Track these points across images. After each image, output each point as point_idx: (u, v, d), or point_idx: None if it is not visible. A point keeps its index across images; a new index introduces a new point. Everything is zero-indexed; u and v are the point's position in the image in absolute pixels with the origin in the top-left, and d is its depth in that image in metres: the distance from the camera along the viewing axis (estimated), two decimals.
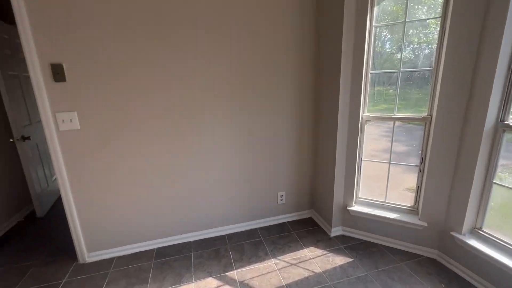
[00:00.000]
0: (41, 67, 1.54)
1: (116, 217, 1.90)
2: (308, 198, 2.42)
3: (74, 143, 1.70)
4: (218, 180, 2.08)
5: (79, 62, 1.59)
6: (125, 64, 1.68)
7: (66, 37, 1.55)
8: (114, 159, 1.80)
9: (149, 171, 1.89)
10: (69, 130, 1.67)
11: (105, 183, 1.82)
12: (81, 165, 1.74)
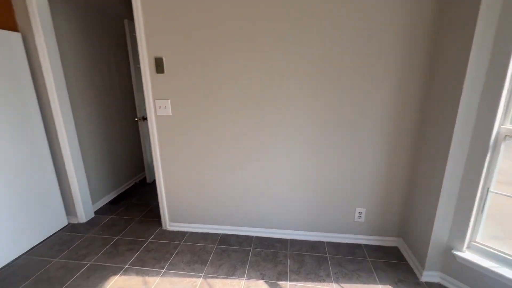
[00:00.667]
0: (148, 60, 1.83)
1: (194, 195, 2.10)
2: (397, 223, 1.94)
3: (166, 126, 1.96)
4: (289, 180, 1.96)
5: (174, 56, 1.80)
6: (212, 60, 1.77)
7: (167, 34, 1.76)
8: (196, 144, 1.97)
9: (225, 159, 1.98)
10: (164, 115, 1.94)
11: (188, 163, 2.03)
12: (170, 145, 2.00)
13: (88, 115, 2.46)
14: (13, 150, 1.83)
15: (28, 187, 1.94)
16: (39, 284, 1.63)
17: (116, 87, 2.84)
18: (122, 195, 2.88)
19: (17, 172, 1.86)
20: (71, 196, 2.26)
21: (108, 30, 2.70)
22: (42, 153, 2.04)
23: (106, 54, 2.67)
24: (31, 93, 1.95)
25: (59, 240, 2.08)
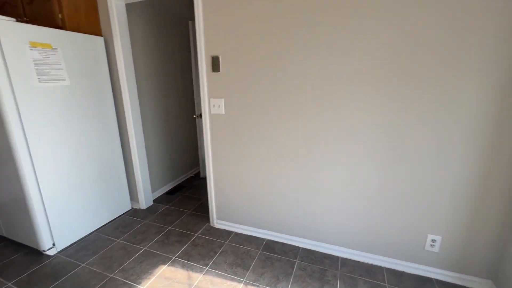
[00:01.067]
0: (205, 59, 1.85)
1: (241, 196, 2.07)
2: (487, 261, 1.53)
3: (219, 125, 1.97)
4: (347, 191, 1.74)
5: (230, 55, 1.77)
6: (266, 60, 1.68)
7: (224, 33, 1.75)
8: (247, 144, 1.92)
9: (276, 162, 1.88)
10: (217, 114, 1.94)
11: (237, 163, 2.00)
12: (221, 143, 2.01)
13: (153, 112, 2.67)
14: (95, 138, 2.10)
15: (103, 172, 2.21)
16: (103, 260, 1.83)
17: (179, 86, 3.03)
18: (178, 187, 3.07)
19: (96, 157, 2.13)
20: (135, 184, 2.50)
21: (175, 31, 2.89)
22: (114, 143, 2.30)
23: (171, 54, 2.87)
24: (109, 90, 2.20)
25: (123, 223, 2.31)
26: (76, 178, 2.00)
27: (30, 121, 1.68)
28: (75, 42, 1.90)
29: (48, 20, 1.94)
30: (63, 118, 1.87)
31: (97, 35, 2.11)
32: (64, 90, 1.86)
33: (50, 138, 1.80)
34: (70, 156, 1.94)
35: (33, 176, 1.73)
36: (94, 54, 2.05)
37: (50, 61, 1.76)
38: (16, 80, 1.59)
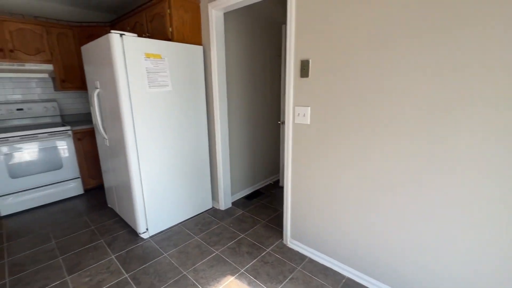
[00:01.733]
0: (294, 63, 1.69)
1: (320, 218, 1.81)
2: None
3: (302, 135, 1.76)
4: (474, 234, 1.22)
5: (322, 59, 1.54)
6: (364, 65, 1.37)
7: (317, 34, 1.53)
8: (332, 162, 1.64)
9: (367, 186, 1.53)
10: (301, 123, 1.75)
11: (319, 181, 1.75)
12: (303, 156, 1.80)
13: (240, 115, 2.73)
14: (188, 138, 2.29)
15: (192, 170, 2.39)
16: (181, 255, 1.94)
17: (267, 90, 3.00)
18: (256, 192, 3.04)
19: (188, 155, 2.32)
20: (217, 184, 2.60)
21: (267, 35, 2.86)
22: (203, 144, 2.45)
23: (263, 58, 2.86)
24: (203, 95, 2.36)
25: (203, 220, 2.44)
26: (170, 173, 2.23)
27: (139, 121, 1.95)
28: (179, 52, 2.10)
29: (162, 34, 2.23)
30: (164, 120, 2.10)
31: (198, 44, 2.29)
32: (166, 95, 2.08)
33: (153, 136, 2.05)
34: (167, 153, 2.17)
35: (137, 167, 2.01)
36: (194, 62, 2.23)
37: (158, 69, 2.00)
38: (133, 86, 1.87)
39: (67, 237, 2.19)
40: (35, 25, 2.69)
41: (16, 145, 2.50)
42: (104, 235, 2.20)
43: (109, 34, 1.74)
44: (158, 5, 2.18)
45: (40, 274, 1.76)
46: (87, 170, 3.03)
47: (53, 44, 2.82)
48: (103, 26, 3.02)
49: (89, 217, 2.51)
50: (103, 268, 1.81)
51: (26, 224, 2.40)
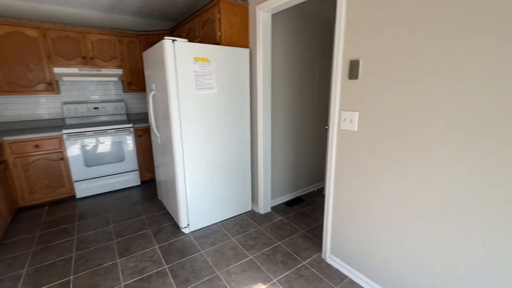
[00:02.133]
0: (342, 63, 1.54)
1: (365, 236, 1.61)
2: None
3: (348, 143, 1.60)
4: None
5: (375, 59, 1.37)
6: (432, 68, 1.15)
7: (370, 31, 1.36)
8: (382, 175, 1.45)
9: (419, 205, 1.30)
10: (347, 130, 1.59)
11: (365, 195, 1.56)
12: (348, 166, 1.63)
13: (284, 118, 2.65)
14: (230, 139, 2.33)
15: (233, 171, 2.42)
16: (216, 254, 1.98)
17: (315, 93, 2.86)
18: (298, 199, 2.92)
19: (230, 156, 2.37)
20: (257, 187, 2.58)
21: (316, 35, 2.72)
22: (245, 145, 2.46)
23: (311, 59, 2.73)
24: (247, 97, 2.37)
25: (241, 222, 2.44)
26: (212, 172, 2.29)
27: (186, 121, 2.06)
28: (226, 55, 2.15)
29: (211, 38, 2.32)
30: (209, 121, 2.18)
31: (244, 47, 2.31)
32: (212, 97, 2.15)
33: (198, 136, 2.14)
34: (210, 152, 2.24)
35: (182, 165, 2.12)
36: (239, 65, 2.25)
37: (206, 72, 2.08)
38: (182, 88, 1.99)
39: (123, 223, 2.45)
40: (110, 35, 3.10)
41: (90, 139, 2.92)
42: (152, 225, 2.39)
43: (163, 41, 1.87)
44: (209, 11, 2.27)
45: (98, 254, 2.00)
46: (144, 164, 3.36)
47: (123, 51, 3.22)
48: (164, 33, 3.31)
49: (142, 207, 2.77)
50: (147, 256, 1.96)
51: (94, 207, 2.78)
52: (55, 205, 2.83)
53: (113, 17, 3.34)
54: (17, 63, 2.67)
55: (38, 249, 2.06)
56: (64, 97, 3.22)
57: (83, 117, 3.28)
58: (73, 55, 2.92)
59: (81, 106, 3.25)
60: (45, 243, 2.13)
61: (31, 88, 2.78)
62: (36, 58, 2.75)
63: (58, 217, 2.58)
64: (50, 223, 2.46)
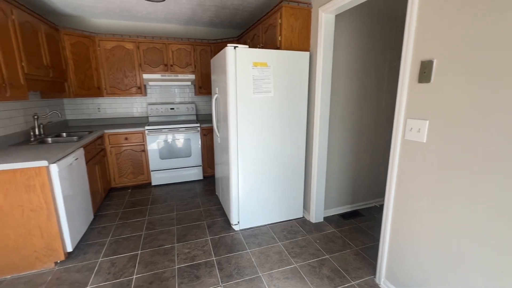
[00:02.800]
0: (411, 64, 1.35)
1: (430, 268, 1.37)
2: None
3: (413, 157, 1.39)
4: None
5: (452, 59, 1.14)
6: None
7: (449, 25, 1.15)
8: (455, 198, 1.20)
9: (502, 239, 1.03)
10: (413, 141, 1.38)
11: (430, 219, 1.33)
12: (413, 184, 1.41)
13: (344, 124, 2.48)
14: (285, 142, 2.33)
15: (285, 175, 2.41)
16: (261, 256, 2.00)
17: (382, 99, 2.58)
18: (355, 212, 2.68)
19: (283, 159, 2.37)
20: (309, 195, 2.49)
21: (388, 35, 2.45)
22: (299, 150, 2.41)
23: (378, 63, 2.48)
24: (304, 101, 2.32)
25: (290, 228, 2.40)
26: (265, 174, 2.33)
27: (242, 123, 2.15)
28: (284, 59, 2.16)
29: (272, 43, 2.37)
30: (264, 124, 2.22)
31: (305, 51, 2.27)
32: (268, 100, 2.19)
33: (253, 138, 2.21)
34: (264, 154, 2.29)
35: (236, 165, 2.23)
36: (298, 69, 2.22)
37: (264, 76, 2.13)
38: (240, 92, 2.09)
39: (184, 211, 2.73)
40: (187, 45, 3.51)
41: (165, 135, 3.37)
42: (207, 218, 2.59)
43: (225, 48, 2.01)
44: (272, 17, 2.32)
45: (161, 236, 2.28)
46: (207, 161, 3.67)
47: (197, 59, 3.59)
48: (231, 40, 3.55)
49: (201, 200, 3.03)
50: (199, 246, 2.13)
51: (163, 194, 3.19)
52: (136, 189, 3.37)
53: (190, 28, 3.77)
54: (118, 70, 3.30)
55: (119, 224, 2.49)
56: (149, 98, 3.81)
57: (162, 116, 3.81)
58: (157, 63, 3.43)
59: (161, 106, 3.78)
60: (124, 219, 2.57)
61: (126, 91, 3.39)
62: (131, 66, 3.34)
63: (137, 199, 3.06)
64: (130, 203, 2.95)
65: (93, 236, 2.28)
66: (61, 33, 2.84)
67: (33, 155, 1.85)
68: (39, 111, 2.82)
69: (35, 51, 2.30)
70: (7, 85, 1.85)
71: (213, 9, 3.00)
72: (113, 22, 3.42)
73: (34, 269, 1.84)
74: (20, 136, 2.41)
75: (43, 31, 2.45)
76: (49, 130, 2.97)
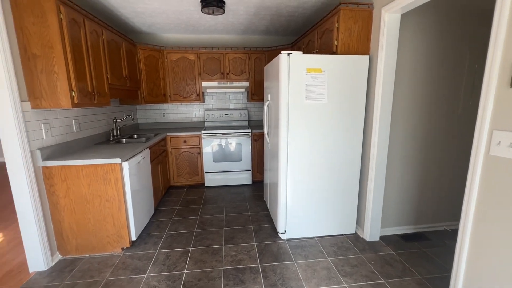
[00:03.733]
0: (499, 65, 1.13)
1: None
2: None
3: (501, 176, 1.14)
4: None
5: None
6: None
7: None
8: None
9: None
10: (502, 157, 1.13)
11: None
12: (497, 211, 1.16)
13: (407, 132, 2.22)
14: (338, 151, 2.21)
15: (338, 186, 2.27)
16: (308, 269, 1.90)
17: (455, 105, 2.23)
18: (419, 235, 2.35)
19: (336, 169, 2.24)
20: (364, 209, 2.29)
21: (466, 35, 2.11)
22: (354, 161, 2.25)
23: (455, 65, 2.15)
24: (362, 108, 2.16)
25: (340, 243, 2.24)
26: (315, 183, 2.24)
27: (293, 130, 2.12)
28: (340, 64, 2.05)
29: (328, 48, 2.28)
30: (316, 132, 2.14)
31: (364, 55, 2.12)
32: (321, 107, 2.11)
33: (303, 145, 2.16)
34: (314, 162, 2.20)
35: (286, 172, 2.19)
36: (355, 73, 2.09)
37: (317, 83, 2.06)
38: (292, 98, 2.06)
39: (233, 214, 2.81)
40: (243, 53, 3.66)
41: (219, 139, 3.55)
42: (254, 223, 2.61)
43: (280, 55, 2.02)
44: (328, 21, 2.25)
45: (210, 235, 2.39)
46: (256, 166, 3.72)
47: (251, 66, 3.71)
48: (285, 47, 3.56)
49: (249, 204, 3.07)
50: (246, 250, 2.15)
51: (214, 196, 3.35)
52: (190, 189, 3.63)
53: (245, 38, 3.92)
54: (181, 79, 3.63)
55: (175, 219, 2.71)
56: (206, 105, 4.08)
57: (216, 121, 4.03)
58: (215, 71, 3.66)
59: (217, 112, 4.01)
60: (179, 216, 2.78)
61: (187, 98, 3.70)
62: (192, 75, 3.64)
63: (191, 198, 3.29)
64: (185, 201, 3.18)
65: (153, 229, 2.52)
66: (137, 48, 3.28)
67: (110, 153, 2.16)
68: (117, 116, 3.29)
69: (117, 64, 2.70)
70: (95, 93, 2.21)
71: (269, 17, 3.07)
72: (179, 36, 3.80)
73: (106, 251, 2.12)
74: (102, 136, 2.85)
75: (124, 47, 2.87)
76: (124, 131, 3.44)
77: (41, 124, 1.95)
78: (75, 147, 2.32)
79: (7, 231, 2.56)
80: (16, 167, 1.78)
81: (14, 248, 2.24)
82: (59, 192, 1.98)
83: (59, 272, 1.91)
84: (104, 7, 2.66)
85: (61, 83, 1.85)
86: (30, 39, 1.77)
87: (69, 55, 1.87)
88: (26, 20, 1.75)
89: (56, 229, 2.03)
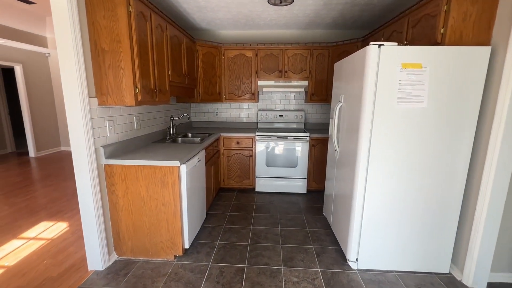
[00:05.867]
0: None
1: None
2: None
3: None
4: None
5: None
6: None
7: None
8: None
9: None
10: None
11: None
12: None
13: None
14: (435, 170, 1.75)
15: (429, 212, 1.81)
16: None
17: None
18: None
19: (429, 191, 1.78)
20: (465, 246, 1.78)
21: None
22: (456, 184, 1.75)
23: None
24: (475, 114, 1.66)
25: (428, 284, 1.77)
26: (399, 206, 1.82)
27: (377, 139, 1.73)
28: (449, 58, 1.59)
29: (426, 38, 1.82)
30: (407, 143, 1.72)
31: (483, 45, 1.62)
32: (418, 113, 1.67)
33: (389, 158, 1.75)
34: (401, 179, 1.77)
35: (363, 187, 1.81)
36: (468, 70, 1.60)
37: (414, 82, 1.63)
38: (379, 100, 1.67)
39: (288, 228, 2.51)
40: (304, 49, 3.33)
41: (273, 142, 3.28)
42: (315, 242, 2.27)
43: (367, 46, 1.64)
44: (430, 4, 1.78)
45: (266, 252, 2.13)
46: (312, 174, 3.36)
47: (312, 64, 3.36)
48: (355, 42, 3.12)
49: (306, 218, 2.74)
50: (309, 277, 1.83)
51: (266, 203, 3.10)
52: (240, 192, 3.44)
53: (308, 33, 3.57)
54: (236, 78, 3.46)
55: (227, 227, 2.52)
56: (260, 104, 3.86)
57: (270, 123, 3.78)
58: (272, 69, 3.40)
59: (270, 113, 3.75)
60: (231, 224, 2.58)
61: (241, 97, 3.52)
62: (248, 73, 3.44)
63: (242, 203, 3.08)
64: (236, 207, 2.99)
65: (204, 236, 2.36)
66: (196, 45, 3.19)
67: (167, 154, 2.04)
68: (174, 114, 3.26)
69: (177, 61, 2.62)
70: (157, 91, 2.12)
71: (340, 7, 2.68)
72: (235, 32, 3.63)
73: (159, 257, 2.01)
74: (159, 134, 2.81)
75: (184, 43, 2.78)
76: (179, 130, 3.40)
77: (106, 121, 1.91)
78: (134, 145, 2.28)
79: (73, 220, 2.66)
80: (82, 163, 1.75)
81: (77, 240, 2.28)
82: (118, 192, 1.92)
83: (114, 274, 1.84)
84: (168, 2, 2.59)
85: (126, 79, 1.77)
86: (100, 33, 1.72)
87: (135, 50, 1.78)
88: (98, 14, 1.69)
89: (114, 229, 1.99)
